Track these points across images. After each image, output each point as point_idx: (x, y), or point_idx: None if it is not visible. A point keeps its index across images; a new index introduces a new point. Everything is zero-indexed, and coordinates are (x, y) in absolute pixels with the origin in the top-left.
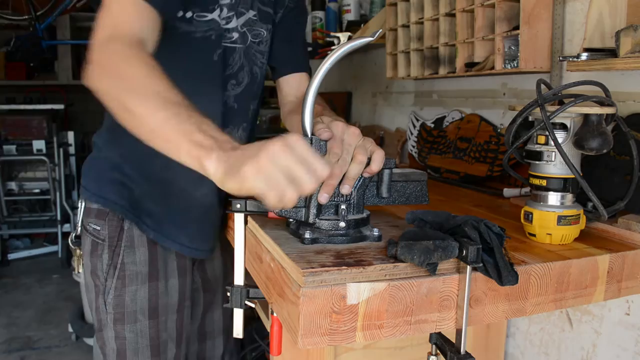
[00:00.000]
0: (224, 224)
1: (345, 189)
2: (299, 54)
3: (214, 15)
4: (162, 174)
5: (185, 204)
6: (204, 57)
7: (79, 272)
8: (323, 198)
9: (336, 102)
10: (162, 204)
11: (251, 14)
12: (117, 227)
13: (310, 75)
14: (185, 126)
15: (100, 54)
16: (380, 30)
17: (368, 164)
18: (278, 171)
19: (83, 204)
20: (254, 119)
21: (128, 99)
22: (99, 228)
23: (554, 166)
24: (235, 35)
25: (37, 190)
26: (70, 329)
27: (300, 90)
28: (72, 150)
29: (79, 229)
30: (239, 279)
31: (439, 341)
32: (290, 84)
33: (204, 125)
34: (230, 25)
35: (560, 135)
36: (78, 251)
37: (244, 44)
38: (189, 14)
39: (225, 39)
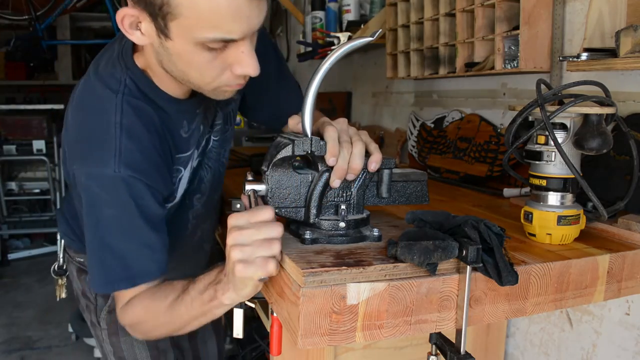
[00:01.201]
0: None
1: (353, 174)
2: (285, 99)
3: (177, 198)
4: None
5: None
6: (176, 225)
7: (61, 298)
8: (335, 183)
9: (336, 102)
10: None
11: (217, 125)
12: None
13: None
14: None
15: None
16: (380, 30)
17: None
18: (250, 252)
19: (63, 241)
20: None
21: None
22: (83, 260)
23: (554, 166)
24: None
25: (37, 190)
26: (70, 329)
27: None
28: None
29: (61, 259)
30: None
31: (439, 341)
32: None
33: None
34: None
35: (560, 135)
36: (60, 281)
37: (214, 162)
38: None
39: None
